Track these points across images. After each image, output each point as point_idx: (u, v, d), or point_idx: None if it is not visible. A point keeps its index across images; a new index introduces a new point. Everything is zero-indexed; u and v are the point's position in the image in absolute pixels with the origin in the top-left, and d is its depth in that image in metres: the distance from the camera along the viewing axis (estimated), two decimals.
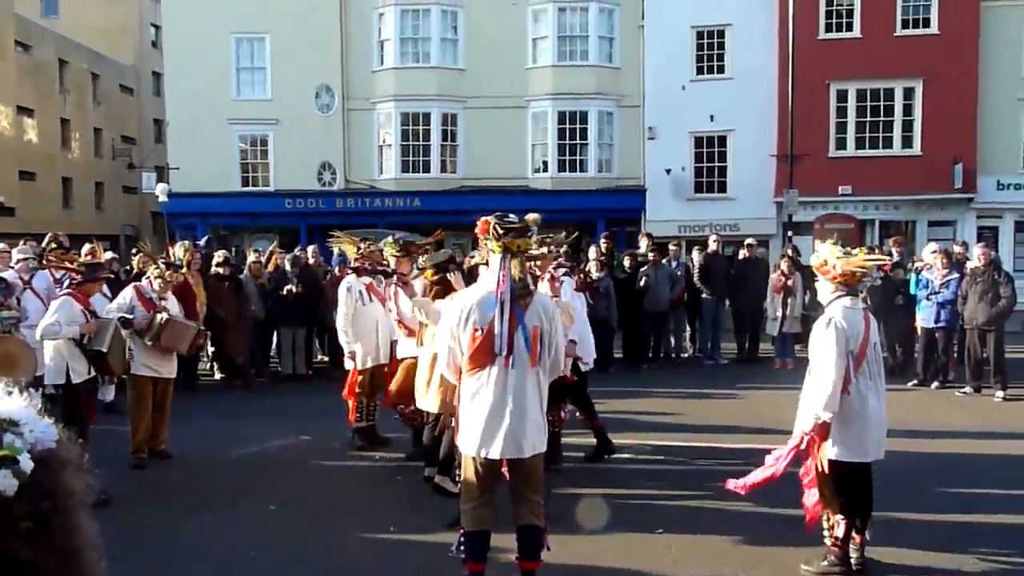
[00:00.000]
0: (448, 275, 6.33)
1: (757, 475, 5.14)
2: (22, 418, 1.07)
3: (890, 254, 12.84)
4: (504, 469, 4.43)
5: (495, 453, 4.35)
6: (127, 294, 7.77)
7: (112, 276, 10.12)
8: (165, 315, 7.63)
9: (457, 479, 4.67)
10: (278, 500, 6.57)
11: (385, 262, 8.07)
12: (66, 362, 6.88)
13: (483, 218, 4.58)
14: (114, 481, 6.37)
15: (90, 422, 7.07)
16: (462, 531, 4.57)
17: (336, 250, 11.77)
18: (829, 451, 4.91)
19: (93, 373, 7.08)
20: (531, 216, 4.87)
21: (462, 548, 4.55)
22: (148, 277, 8.05)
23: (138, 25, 40.57)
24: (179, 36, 26.22)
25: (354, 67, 25.85)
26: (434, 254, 6.94)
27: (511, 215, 4.63)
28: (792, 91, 20.41)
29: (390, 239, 8.09)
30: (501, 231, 4.46)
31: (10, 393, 1.11)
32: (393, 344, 7.94)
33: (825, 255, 5.12)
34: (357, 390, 8.14)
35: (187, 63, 25.70)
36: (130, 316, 7.49)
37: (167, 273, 7.91)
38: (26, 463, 1.02)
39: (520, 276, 4.44)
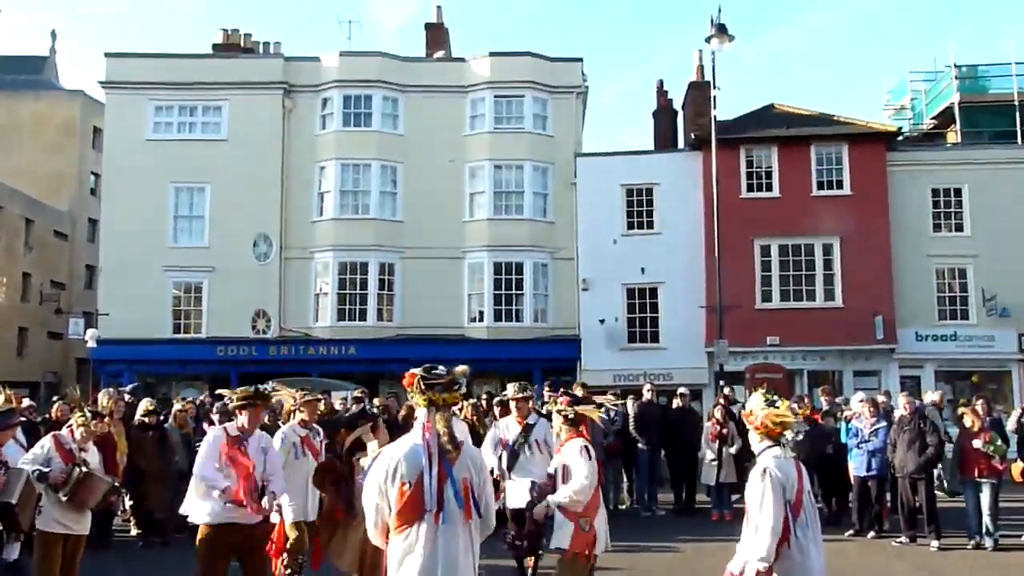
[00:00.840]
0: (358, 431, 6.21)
1: None
2: None
3: (818, 405, 13.11)
4: None
5: None
6: (45, 443, 7.24)
7: (26, 421, 9.67)
8: (83, 468, 7.20)
9: None
10: None
11: (320, 414, 7.93)
12: None
13: (410, 371, 4.50)
14: None
15: None
16: None
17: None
18: None
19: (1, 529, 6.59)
20: (459, 368, 4.72)
21: None
22: (69, 426, 7.58)
23: (76, 173, 40.69)
24: (118, 184, 26.39)
25: (293, 217, 26.20)
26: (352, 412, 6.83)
27: (440, 367, 4.55)
28: (718, 246, 21.26)
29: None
30: (426, 385, 4.40)
31: None
32: (322, 499, 7.63)
33: (751, 406, 5.19)
34: (287, 546, 7.74)
35: (124, 210, 25.77)
36: (46, 469, 7.03)
37: (92, 423, 7.55)
38: None
39: (446, 430, 4.32)
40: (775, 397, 5.24)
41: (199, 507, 6.31)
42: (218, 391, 8.59)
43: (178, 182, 26.22)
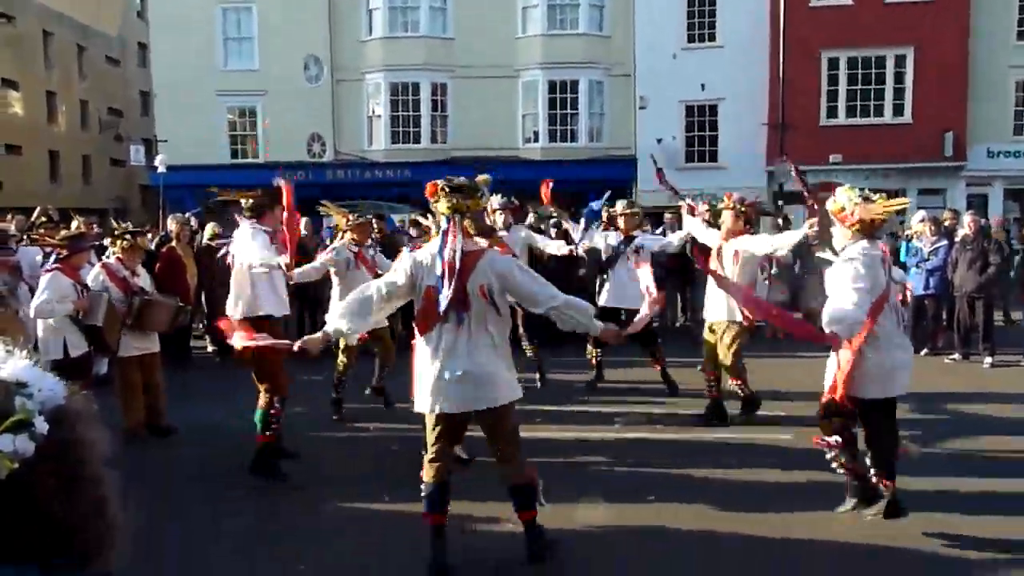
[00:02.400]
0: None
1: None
2: (29, 378, 1.07)
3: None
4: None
5: (448, 408, 4.47)
6: (97, 275, 7.44)
7: (99, 246, 10.05)
8: (144, 296, 7.47)
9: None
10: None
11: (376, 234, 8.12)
12: (63, 336, 6.82)
13: (431, 182, 4.58)
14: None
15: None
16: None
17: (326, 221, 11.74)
18: (858, 389, 4.86)
19: (91, 347, 7.02)
20: (481, 177, 4.84)
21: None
22: (115, 253, 7.70)
23: None
24: (164, 5, 25.92)
25: (342, 37, 25.61)
26: None
27: (461, 178, 4.62)
28: (783, 59, 20.33)
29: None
30: (450, 190, 4.47)
31: (10, 353, 1.11)
32: None
33: (843, 201, 5.00)
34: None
35: (173, 34, 25.43)
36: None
37: (135, 240, 7.65)
38: (40, 424, 1.03)
39: (470, 235, 4.51)
40: (870, 194, 5.09)
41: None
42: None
43: (224, 2, 25.65)
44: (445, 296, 4.32)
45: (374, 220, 10.64)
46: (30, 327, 7.37)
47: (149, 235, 8.73)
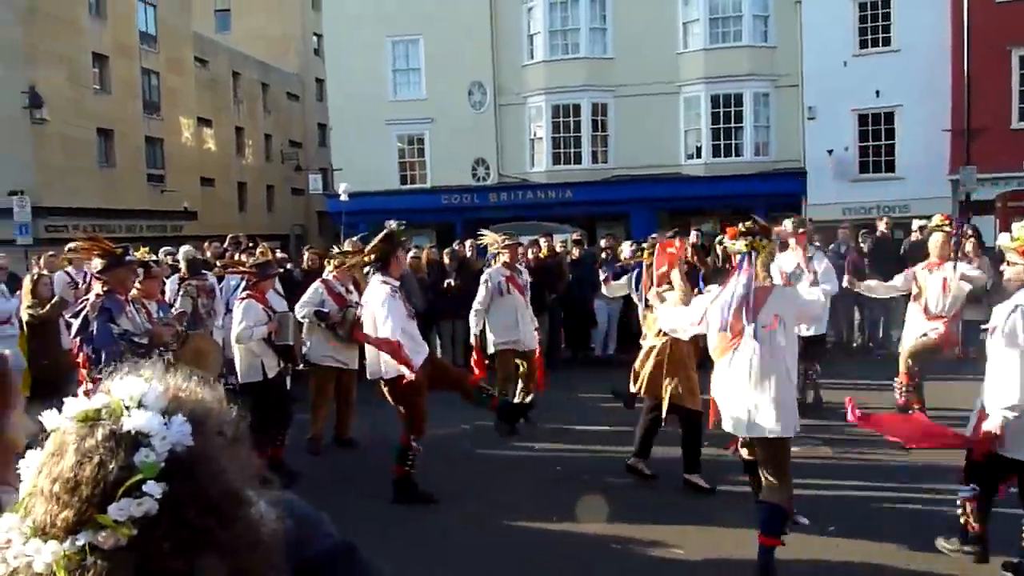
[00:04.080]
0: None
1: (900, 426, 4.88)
2: (151, 429, 0.97)
3: None
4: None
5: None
6: (318, 288, 8.23)
7: (283, 271, 10.72)
8: (356, 311, 8.00)
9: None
10: (446, 486, 6.74)
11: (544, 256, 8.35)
12: (260, 359, 7.30)
13: (730, 228, 5.13)
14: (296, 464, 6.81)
15: (290, 412, 7.52)
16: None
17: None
18: (1006, 448, 4.49)
19: (283, 365, 7.50)
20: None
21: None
22: (334, 274, 8.45)
23: (301, 35, 42.73)
24: (338, 42, 27.56)
25: (505, 63, 26.21)
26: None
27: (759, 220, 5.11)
28: (967, 59, 19.00)
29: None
30: (746, 232, 4.94)
31: (138, 405, 1.00)
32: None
33: (1021, 234, 4.63)
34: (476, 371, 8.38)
35: (346, 67, 26.93)
36: (325, 310, 7.99)
37: (346, 260, 8.30)
38: (153, 488, 0.92)
39: (762, 272, 4.87)
40: None
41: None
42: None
43: (393, 35, 26.89)
44: (745, 319, 4.78)
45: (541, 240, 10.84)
46: (225, 347, 7.98)
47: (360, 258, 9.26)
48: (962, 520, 4.88)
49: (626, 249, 10.83)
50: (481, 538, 5.73)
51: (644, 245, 8.43)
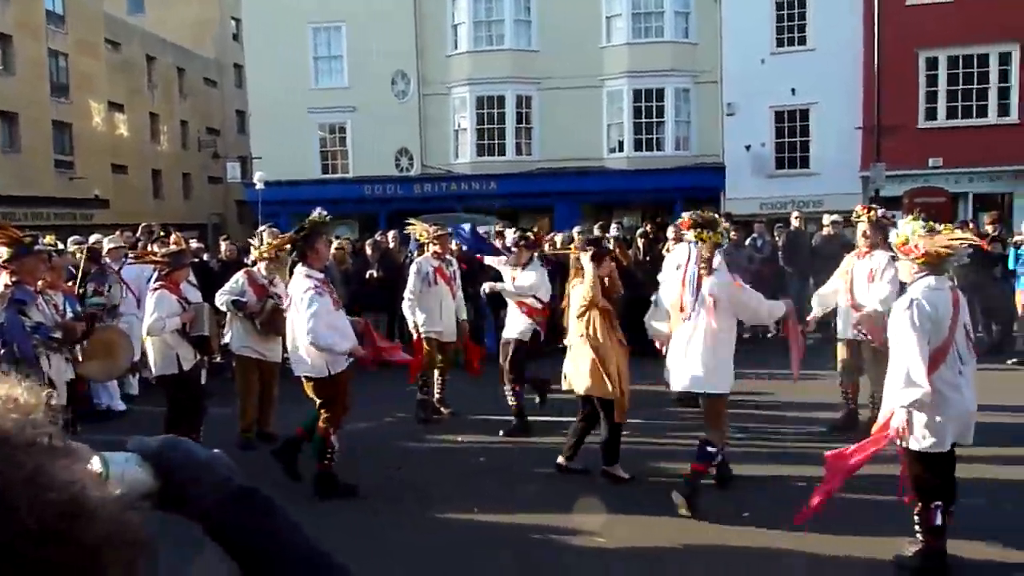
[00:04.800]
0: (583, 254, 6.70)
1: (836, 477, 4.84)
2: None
3: (984, 233, 12.29)
4: None
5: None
6: (239, 278, 8.00)
7: (198, 261, 10.44)
8: (274, 301, 7.84)
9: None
10: (368, 479, 6.68)
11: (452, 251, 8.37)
12: (175, 351, 7.08)
13: (683, 217, 6.33)
14: None
15: (204, 406, 7.32)
16: None
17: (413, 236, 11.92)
18: (909, 440, 4.64)
19: (199, 358, 7.28)
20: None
21: None
22: (256, 263, 8.26)
23: (219, 19, 41.61)
24: (258, 28, 26.93)
25: (429, 52, 26.02)
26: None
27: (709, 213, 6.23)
28: (878, 60, 19.69)
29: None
30: (698, 224, 5.90)
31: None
32: (461, 323, 8.83)
33: (907, 233, 4.80)
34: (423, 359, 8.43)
35: (267, 54, 26.35)
36: (243, 299, 7.77)
37: (271, 253, 8.07)
38: None
39: (706, 256, 5.84)
40: (933, 224, 4.87)
41: None
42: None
43: (315, 22, 26.41)
44: (688, 296, 5.90)
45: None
46: (134, 338, 7.72)
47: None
48: (920, 535, 4.81)
49: (509, 236, 10.23)
50: (413, 532, 5.69)
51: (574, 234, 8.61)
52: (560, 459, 6.77)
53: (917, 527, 4.79)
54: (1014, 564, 4.83)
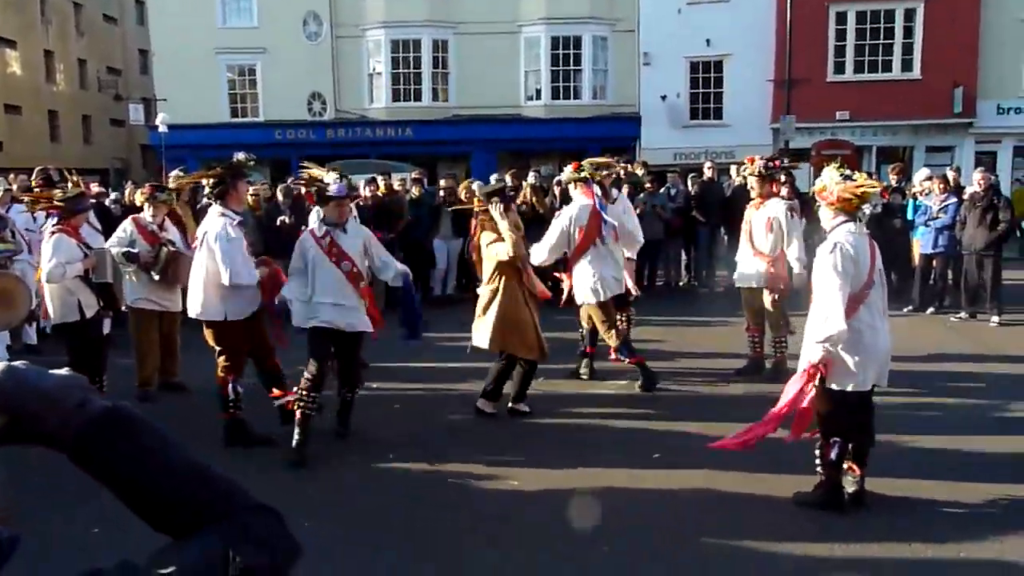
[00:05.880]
0: (491, 206, 6.66)
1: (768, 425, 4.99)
2: None
3: (888, 184, 12.73)
4: None
5: None
6: (127, 227, 7.60)
7: (96, 204, 10.00)
8: (170, 248, 7.53)
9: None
10: (279, 428, 6.58)
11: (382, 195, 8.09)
12: (76, 298, 6.77)
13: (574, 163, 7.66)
14: None
15: (106, 355, 7.04)
16: None
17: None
18: (831, 380, 4.81)
19: (102, 305, 6.97)
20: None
21: None
22: (144, 206, 7.88)
23: None
24: None
25: None
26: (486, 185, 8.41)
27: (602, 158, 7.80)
28: (790, 14, 19.98)
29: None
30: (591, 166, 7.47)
31: None
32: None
33: (825, 180, 5.00)
34: None
35: None
36: (135, 250, 7.41)
37: (160, 196, 7.73)
38: None
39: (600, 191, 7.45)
40: (849, 171, 5.04)
41: None
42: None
43: None
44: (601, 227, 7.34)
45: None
46: (30, 284, 7.34)
47: (173, 199, 8.56)
48: (820, 471, 4.97)
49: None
50: (327, 481, 5.64)
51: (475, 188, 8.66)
52: (510, 404, 6.94)
53: (818, 463, 4.99)
54: (920, 500, 5.08)
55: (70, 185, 8.06)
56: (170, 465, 1.01)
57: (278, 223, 12.03)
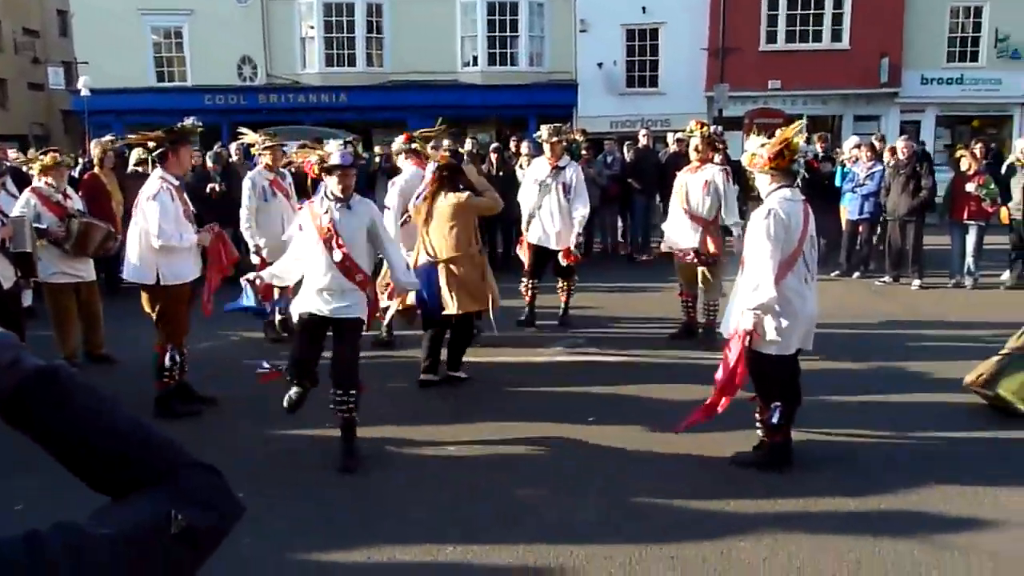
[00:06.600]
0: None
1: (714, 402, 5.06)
2: None
3: (815, 153, 12.99)
4: None
5: None
6: (28, 199, 7.17)
7: (11, 169, 9.62)
8: (82, 219, 7.23)
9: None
10: (220, 397, 6.49)
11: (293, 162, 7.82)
12: None
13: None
14: None
15: (24, 327, 6.78)
16: None
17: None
18: (756, 344, 4.90)
19: (19, 276, 6.70)
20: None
21: None
22: (41, 176, 7.39)
23: None
24: None
25: None
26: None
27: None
28: None
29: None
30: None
31: None
32: None
33: (752, 148, 5.04)
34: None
35: None
36: (43, 226, 7.06)
37: (54, 159, 7.32)
38: None
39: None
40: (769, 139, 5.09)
41: None
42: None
43: None
44: None
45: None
46: None
47: (96, 167, 8.22)
48: (761, 434, 5.12)
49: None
50: (266, 447, 5.57)
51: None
52: (448, 372, 6.95)
53: (758, 425, 5.12)
54: (847, 456, 5.26)
55: None
56: (109, 423, 0.99)
57: (207, 191, 11.73)
